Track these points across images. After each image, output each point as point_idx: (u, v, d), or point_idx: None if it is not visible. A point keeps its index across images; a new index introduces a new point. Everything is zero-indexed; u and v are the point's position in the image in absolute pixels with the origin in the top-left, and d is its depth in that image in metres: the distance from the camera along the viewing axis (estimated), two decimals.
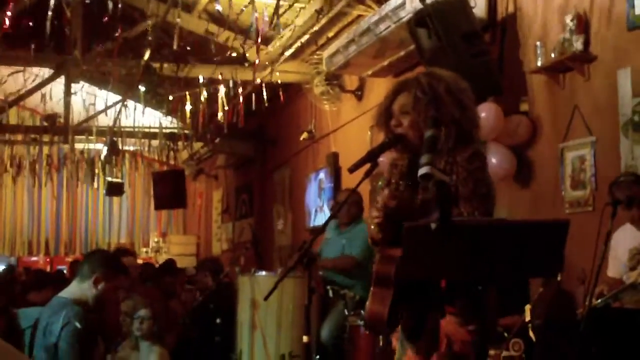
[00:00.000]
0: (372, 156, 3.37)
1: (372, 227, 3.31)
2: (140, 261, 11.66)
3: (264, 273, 7.36)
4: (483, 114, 5.08)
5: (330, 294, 7.16)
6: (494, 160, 6.14)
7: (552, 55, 6.03)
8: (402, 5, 6.81)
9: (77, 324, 4.57)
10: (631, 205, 4.67)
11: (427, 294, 3.11)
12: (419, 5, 6.40)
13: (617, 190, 4.78)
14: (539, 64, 6.17)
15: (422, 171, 2.67)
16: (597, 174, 5.77)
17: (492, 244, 2.67)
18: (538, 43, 6.18)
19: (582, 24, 5.82)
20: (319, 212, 10.75)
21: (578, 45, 5.79)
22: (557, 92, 6.18)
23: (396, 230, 3.00)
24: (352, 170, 3.31)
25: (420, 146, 3.20)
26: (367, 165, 3.34)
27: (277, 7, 7.87)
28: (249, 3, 7.94)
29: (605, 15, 5.69)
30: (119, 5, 8.51)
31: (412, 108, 3.35)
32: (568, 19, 5.86)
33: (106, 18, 8.86)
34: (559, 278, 5.61)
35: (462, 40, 6.22)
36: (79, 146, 14.15)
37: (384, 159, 3.66)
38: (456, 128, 3.28)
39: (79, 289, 4.84)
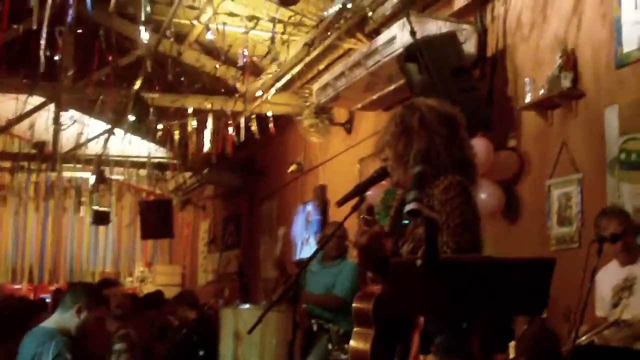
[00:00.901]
0: (360, 190, 3.34)
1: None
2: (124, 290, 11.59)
3: (247, 306, 7.31)
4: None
5: (315, 327, 7.11)
6: (482, 196, 6.14)
7: (541, 91, 6.06)
8: (393, 39, 6.84)
9: (68, 355, 4.54)
10: (616, 241, 4.67)
11: (410, 330, 3.07)
12: (410, 40, 6.43)
13: (602, 224, 4.78)
14: (527, 100, 6.20)
15: (409, 207, 2.65)
16: (583, 211, 5.78)
17: (478, 282, 2.65)
18: (527, 79, 6.22)
19: (571, 61, 5.86)
20: (305, 245, 10.72)
21: (567, 82, 5.82)
22: (546, 129, 6.20)
23: (375, 264, 2.98)
24: (340, 204, 3.28)
25: (404, 182, 3.18)
26: (355, 199, 3.33)
27: (273, 39, 7.90)
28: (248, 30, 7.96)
29: (594, 52, 5.73)
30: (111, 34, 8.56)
31: (390, 143, 3.31)
32: (557, 56, 5.90)
33: (97, 47, 8.92)
34: (543, 315, 5.60)
35: (451, 76, 6.25)
36: (66, 174, 14.12)
37: (373, 192, 3.65)
38: (430, 160, 3.14)
39: (61, 319, 4.81)
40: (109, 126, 11.91)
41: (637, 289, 4.64)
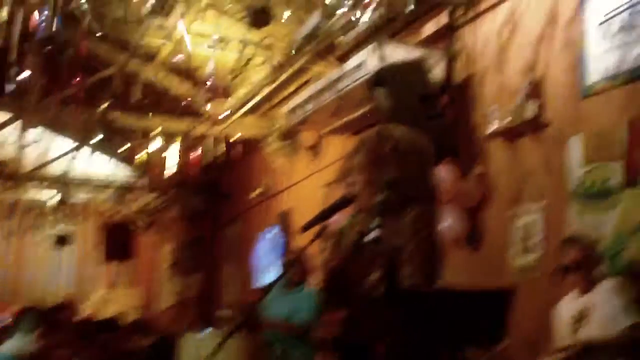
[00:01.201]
0: (324, 216, 3.34)
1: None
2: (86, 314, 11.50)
3: (208, 331, 7.26)
4: (439, 176, 5.11)
5: (275, 354, 7.07)
6: (447, 223, 6.17)
7: (507, 119, 6.10)
8: (362, 64, 6.87)
9: None
10: (577, 271, 4.70)
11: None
12: (379, 66, 6.47)
13: (564, 251, 4.82)
14: (493, 128, 6.24)
15: (371, 236, 2.66)
16: (546, 239, 5.81)
17: (437, 312, 2.65)
18: (493, 107, 6.27)
19: (537, 90, 5.92)
20: (268, 270, 10.67)
21: (532, 111, 5.88)
22: (511, 157, 6.24)
23: (337, 294, 2.98)
24: (304, 230, 3.28)
25: (370, 207, 3.19)
26: (319, 225, 3.32)
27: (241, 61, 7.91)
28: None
29: (559, 82, 5.79)
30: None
31: (361, 169, 3.33)
32: (523, 85, 5.96)
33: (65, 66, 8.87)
34: (503, 345, 5.60)
35: (419, 102, 6.29)
36: (29, 194, 13.97)
37: (338, 218, 3.64)
38: (401, 189, 3.23)
39: (19, 344, 4.74)
40: (74, 145, 11.82)
41: (591, 319, 4.65)
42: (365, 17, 6.35)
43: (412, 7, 6.00)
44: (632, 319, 4.50)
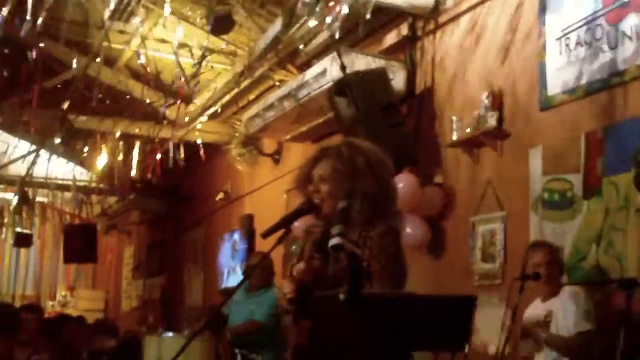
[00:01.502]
0: (286, 222, 3.36)
1: (284, 298, 3.29)
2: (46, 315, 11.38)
3: (171, 334, 7.24)
4: (400, 185, 5.15)
5: (239, 358, 7.07)
6: (408, 230, 6.21)
7: (467, 130, 6.15)
8: (323, 73, 6.89)
9: None
10: (538, 279, 4.75)
11: None
12: (340, 75, 6.49)
13: (529, 255, 4.87)
14: (454, 137, 6.29)
15: (332, 242, 2.68)
16: (506, 247, 5.87)
17: (400, 317, 2.68)
18: (454, 118, 6.32)
19: (497, 102, 5.97)
20: (231, 273, 10.67)
21: (492, 121, 5.93)
22: (471, 166, 6.30)
23: (308, 301, 2.99)
24: (265, 235, 3.30)
25: (335, 215, 3.22)
26: (281, 231, 3.34)
27: (199, 67, 7.88)
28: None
29: (519, 94, 5.85)
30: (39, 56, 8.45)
31: (330, 178, 3.36)
32: (484, 96, 6.01)
33: (25, 68, 8.79)
34: (465, 351, 5.65)
35: (380, 111, 6.33)
36: None
37: (299, 224, 3.66)
38: (372, 202, 3.29)
39: None
40: (34, 147, 11.73)
41: (552, 325, 4.71)
42: (327, 26, 6.36)
43: (368, 16, 5.99)
44: (585, 327, 4.58)
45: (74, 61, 9.14)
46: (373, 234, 3.24)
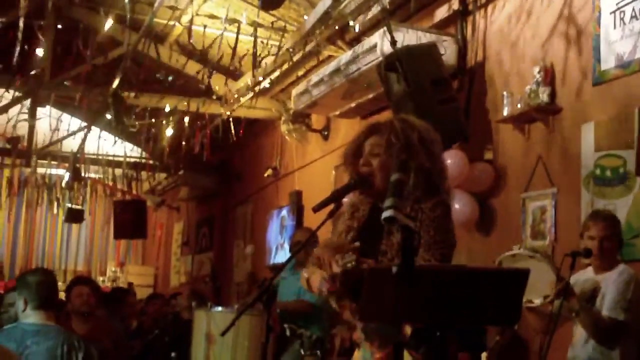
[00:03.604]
0: (336, 196, 3.36)
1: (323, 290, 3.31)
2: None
3: (220, 308, 7.29)
4: (448, 161, 5.11)
5: (287, 332, 7.11)
6: (456, 207, 6.16)
7: (519, 105, 6.09)
8: (373, 48, 6.85)
9: None
10: (589, 256, 4.68)
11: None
12: (390, 49, 6.45)
13: (587, 225, 4.75)
14: (505, 113, 6.23)
15: (386, 214, 2.65)
16: (557, 225, 5.82)
17: (452, 290, 2.67)
18: (505, 93, 6.26)
19: (549, 76, 5.90)
20: (279, 250, 10.72)
21: (544, 97, 5.86)
22: (522, 142, 6.24)
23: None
24: (316, 209, 3.30)
25: (385, 190, 3.21)
26: (331, 205, 3.34)
27: (255, 44, 7.87)
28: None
29: (572, 69, 5.78)
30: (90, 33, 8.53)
31: (384, 151, 3.35)
32: (535, 71, 5.94)
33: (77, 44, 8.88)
34: (515, 327, 5.63)
35: (430, 86, 6.29)
36: (40, 170, 14.03)
37: (348, 199, 3.66)
38: (425, 178, 3.30)
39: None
40: (85, 124, 11.86)
41: (598, 301, 4.64)
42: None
43: None
44: (619, 315, 4.49)
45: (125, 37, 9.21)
46: (424, 207, 3.27)
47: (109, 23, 8.60)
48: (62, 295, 7.09)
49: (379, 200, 3.30)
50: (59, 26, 9.10)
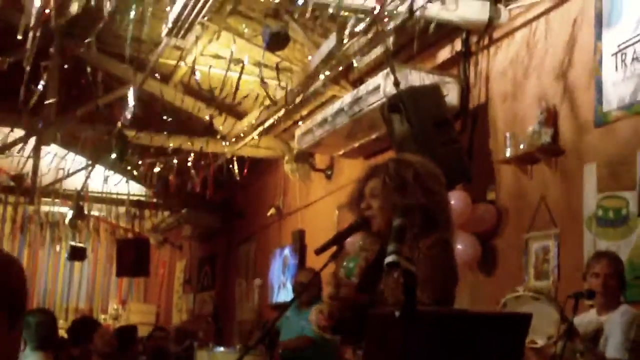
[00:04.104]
0: (339, 239, 3.38)
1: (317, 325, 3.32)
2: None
3: (222, 349, 7.28)
4: (452, 201, 5.13)
5: None
6: (459, 247, 6.16)
7: (521, 146, 6.12)
8: (377, 88, 6.90)
9: None
10: (592, 298, 4.68)
11: None
12: (393, 90, 6.50)
13: (591, 263, 4.76)
14: (508, 154, 6.26)
15: (388, 259, 2.67)
16: (560, 265, 5.82)
17: (455, 334, 2.68)
18: (508, 134, 6.29)
19: (552, 118, 5.93)
20: (282, 289, 10.70)
21: (547, 137, 5.89)
22: (525, 183, 6.26)
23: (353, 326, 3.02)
24: (318, 252, 3.30)
25: (387, 231, 3.22)
26: (334, 248, 3.35)
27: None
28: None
29: (574, 110, 5.81)
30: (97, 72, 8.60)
31: (379, 193, 3.38)
32: (538, 112, 5.98)
33: (83, 82, 8.94)
34: None
35: (433, 127, 6.31)
36: (44, 208, 14.06)
37: (352, 239, 3.68)
38: (422, 215, 3.28)
39: None
40: (89, 162, 11.91)
41: (602, 342, 4.63)
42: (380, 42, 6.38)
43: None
44: (623, 356, 4.47)
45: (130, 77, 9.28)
46: (421, 245, 3.23)
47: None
48: (62, 333, 7.13)
49: (384, 242, 3.31)
50: (65, 66, 9.16)
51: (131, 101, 9.02)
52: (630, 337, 4.51)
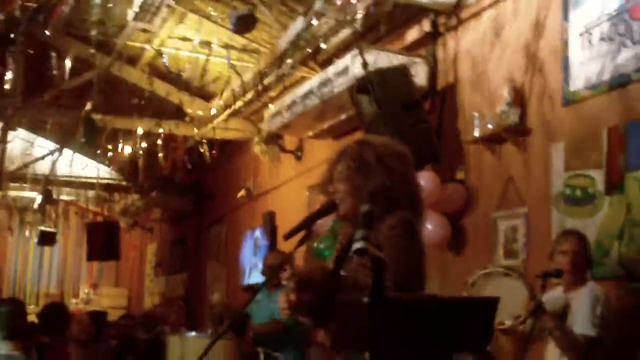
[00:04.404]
0: (307, 223, 3.36)
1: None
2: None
3: (194, 334, 7.26)
4: (421, 182, 5.14)
5: (262, 357, 7.09)
6: (429, 227, 6.20)
7: (489, 126, 6.15)
8: (346, 70, 6.89)
9: None
10: (560, 276, 4.73)
11: None
12: (362, 72, 6.50)
13: (559, 241, 4.82)
14: (476, 134, 6.28)
15: (356, 246, 2.68)
16: (528, 244, 5.86)
17: (422, 320, 2.69)
18: (476, 114, 6.31)
19: (519, 97, 5.96)
20: (253, 270, 10.71)
21: (514, 117, 5.92)
22: (493, 163, 6.29)
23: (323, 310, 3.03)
24: (287, 237, 3.29)
25: (353, 215, 3.22)
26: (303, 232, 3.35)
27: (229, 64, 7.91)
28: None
29: (541, 89, 5.84)
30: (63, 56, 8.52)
31: (344, 177, 3.35)
32: (505, 92, 6.00)
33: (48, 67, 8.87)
34: (488, 349, 5.64)
35: (402, 108, 6.32)
36: (12, 193, 13.96)
37: (323, 221, 3.67)
38: (385, 196, 3.22)
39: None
40: (57, 146, 11.83)
41: (569, 319, 4.68)
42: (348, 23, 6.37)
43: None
44: (591, 332, 4.54)
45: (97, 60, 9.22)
46: (383, 227, 3.16)
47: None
48: (33, 318, 7.10)
49: (354, 227, 3.29)
50: (31, 51, 9.06)
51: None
52: (597, 313, 4.56)
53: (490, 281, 4.81)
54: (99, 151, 11.44)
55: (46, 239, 14.56)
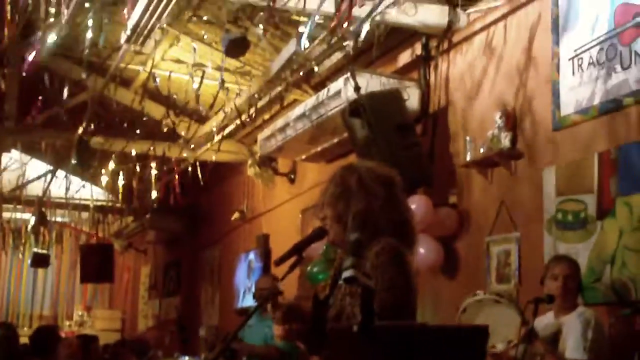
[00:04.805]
0: (298, 249, 3.34)
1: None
2: (63, 334, 11.41)
3: (187, 358, 7.23)
4: (413, 205, 5.14)
5: None
6: (421, 251, 6.19)
7: (481, 150, 6.16)
8: (338, 93, 6.91)
9: None
10: (551, 302, 4.72)
11: None
12: (354, 95, 6.51)
13: (550, 266, 4.82)
14: (468, 158, 6.29)
15: (346, 274, 2.67)
16: (521, 268, 5.86)
17: (413, 349, 2.68)
18: (468, 138, 6.32)
19: (511, 122, 5.97)
20: (247, 293, 10.69)
21: (506, 142, 5.93)
22: (485, 187, 6.30)
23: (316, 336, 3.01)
24: (277, 263, 3.27)
25: (341, 241, 3.21)
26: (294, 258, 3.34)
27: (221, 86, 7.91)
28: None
29: (532, 114, 5.85)
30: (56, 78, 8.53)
31: (329, 203, 3.30)
32: (497, 116, 6.02)
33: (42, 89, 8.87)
34: None
35: (394, 132, 6.33)
36: (6, 215, 13.92)
37: (315, 246, 3.66)
38: (367, 222, 3.17)
39: None
40: (51, 168, 11.81)
41: (560, 344, 4.67)
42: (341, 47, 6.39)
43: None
44: (582, 356, 4.52)
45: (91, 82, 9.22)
46: (369, 254, 3.09)
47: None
48: (26, 340, 7.08)
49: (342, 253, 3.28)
50: (24, 74, 9.07)
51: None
52: (588, 338, 4.56)
53: (481, 307, 4.79)
54: (93, 173, 11.42)
55: (40, 261, 14.51)
